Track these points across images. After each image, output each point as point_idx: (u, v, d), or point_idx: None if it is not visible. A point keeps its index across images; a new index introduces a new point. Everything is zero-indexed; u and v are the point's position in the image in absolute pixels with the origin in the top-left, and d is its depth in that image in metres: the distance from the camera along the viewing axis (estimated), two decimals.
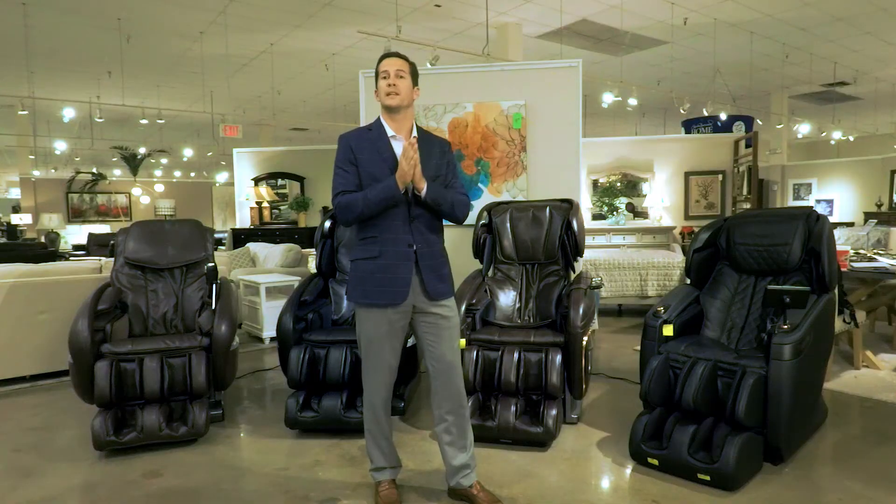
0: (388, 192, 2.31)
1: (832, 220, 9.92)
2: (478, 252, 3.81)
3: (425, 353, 2.50)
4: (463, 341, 3.23)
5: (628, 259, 6.35)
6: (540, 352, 3.17)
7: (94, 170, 15.37)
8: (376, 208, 2.34)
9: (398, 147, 2.41)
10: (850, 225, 10.77)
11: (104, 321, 3.36)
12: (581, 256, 3.77)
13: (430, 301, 2.44)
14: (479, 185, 4.64)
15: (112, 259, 3.89)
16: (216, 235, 9.75)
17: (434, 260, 2.46)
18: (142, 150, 15.12)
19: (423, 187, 2.35)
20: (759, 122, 11.49)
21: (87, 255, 9.32)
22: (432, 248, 2.47)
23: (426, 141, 2.50)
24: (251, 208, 10.42)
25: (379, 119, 2.49)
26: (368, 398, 2.53)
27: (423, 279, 2.42)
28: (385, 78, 2.41)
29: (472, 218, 3.39)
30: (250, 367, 4.80)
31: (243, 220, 10.54)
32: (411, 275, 2.40)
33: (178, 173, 21.47)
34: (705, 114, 9.93)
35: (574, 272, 3.78)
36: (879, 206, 12.34)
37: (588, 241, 7.44)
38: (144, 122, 10.43)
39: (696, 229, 6.88)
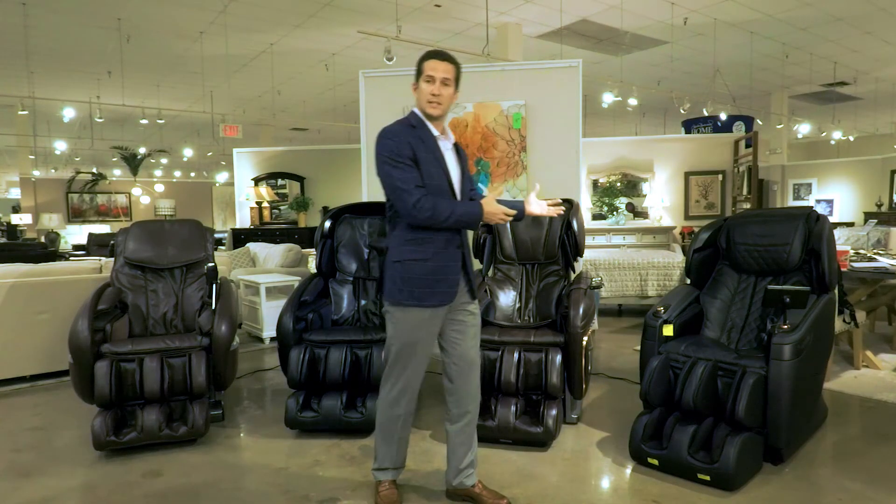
0: (471, 219, 2.31)
1: (832, 220, 9.92)
2: (478, 252, 3.81)
3: (447, 353, 2.48)
4: None
5: (628, 259, 6.35)
6: (540, 352, 3.17)
7: (94, 170, 15.37)
8: (453, 226, 2.31)
9: (442, 146, 2.40)
10: (850, 225, 10.78)
11: (104, 321, 3.36)
12: (581, 256, 3.77)
13: (471, 301, 2.47)
14: (479, 185, 4.64)
15: (112, 259, 3.89)
16: (216, 235, 9.76)
17: (471, 259, 2.50)
18: (142, 150, 15.12)
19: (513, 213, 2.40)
20: (759, 122, 11.48)
21: (87, 255, 9.32)
22: (469, 248, 2.50)
23: (459, 146, 2.54)
24: (251, 208, 10.42)
25: (418, 115, 2.40)
26: (398, 401, 2.44)
27: (469, 279, 2.45)
28: (430, 82, 2.33)
29: None
30: (250, 367, 4.80)
31: (243, 220, 10.54)
32: (460, 275, 2.41)
33: (178, 173, 21.48)
34: (705, 114, 9.93)
35: (574, 272, 3.78)
36: (879, 206, 12.34)
37: (588, 241, 7.44)
38: (144, 122, 10.44)
39: (696, 229, 6.88)
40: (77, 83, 10.71)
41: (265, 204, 10.40)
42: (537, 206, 2.54)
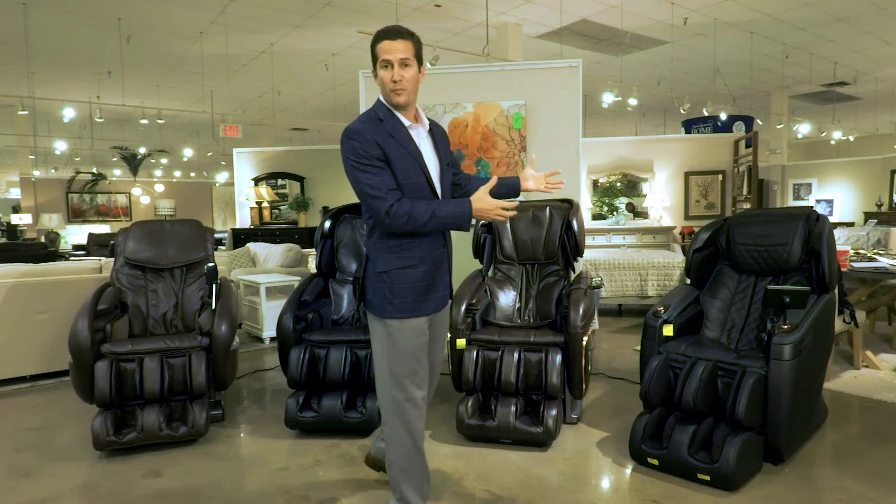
0: (457, 220, 2.05)
1: (832, 220, 9.92)
2: (478, 252, 3.81)
3: None
4: (463, 341, 3.23)
5: (628, 259, 6.35)
6: (540, 352, 3.17)
7: (94, 170, 15.38)
8: (437, 229, 2.10)
9: (416, 136, 2.17)
10: (850, 225, 10.77)
11: (104, 321, 3.36)
12: (581, 256, 3.77)
13: (445, 304, 2.32)
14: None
15: (112, 259, 3.89)
16: (216, 235, 9.76)
17: (451, 258, 2.34)
18: (142, 150, 15.12)
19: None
20: (759, 122, 11.48)
21: (87, 255, 9.32)
22: (451, 246, 2.34)
23: (437, 128, 2.34)
24: (251, 208, 10.42)
25: (385, 105, 2.14)
26: (405, 427, 2.17)
27: (450, 281, 2.29)
28: (387, 68, 2.05)
29: None
30: (250, 367, 4.80)
31: (243, 220, 10.54)
32: (447, 276, 2.25)
33: (178, 173, 21.47)
34: (705, 114, 9.94)
35: (574, 272, 3.78)
36: (879, 206, 12.34)
37: (588, 241, 7.44)
38: (144, 122, 10.45)
39: (696, 229, 6.88)
40: (77, 83, 10.71)
41: (265, 204, 10.40)
42: (534, 182, 2.30)
